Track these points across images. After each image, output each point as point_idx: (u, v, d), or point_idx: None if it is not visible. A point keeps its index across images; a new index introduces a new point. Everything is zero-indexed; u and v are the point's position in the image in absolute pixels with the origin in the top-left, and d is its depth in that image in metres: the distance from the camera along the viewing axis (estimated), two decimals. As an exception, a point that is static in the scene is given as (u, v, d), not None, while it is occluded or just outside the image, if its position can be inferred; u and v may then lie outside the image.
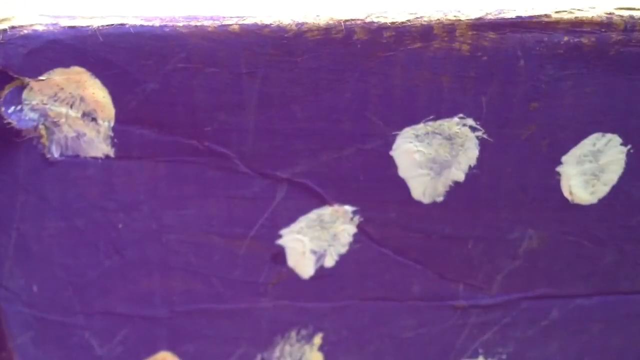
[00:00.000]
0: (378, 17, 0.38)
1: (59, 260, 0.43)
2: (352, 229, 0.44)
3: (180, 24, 0.37)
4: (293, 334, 0.46)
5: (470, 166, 0.42)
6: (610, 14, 0.38)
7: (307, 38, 0.38)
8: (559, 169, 0.42)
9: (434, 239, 0.44)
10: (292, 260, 0.44)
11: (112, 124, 0.40)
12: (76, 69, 0.38)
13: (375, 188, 0.42)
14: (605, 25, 0.38)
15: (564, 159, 0.42)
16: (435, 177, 0.42)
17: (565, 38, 0.38)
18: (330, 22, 0.38)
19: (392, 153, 0.41)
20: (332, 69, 0.39)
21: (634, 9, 0.38)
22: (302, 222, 0.43)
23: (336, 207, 0.43)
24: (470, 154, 0.41)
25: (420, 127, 0.41)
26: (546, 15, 0.38)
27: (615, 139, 0.41)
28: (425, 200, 0.43)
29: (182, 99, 0.39)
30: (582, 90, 0.40)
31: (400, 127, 0.41)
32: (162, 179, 0.42)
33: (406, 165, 0.42)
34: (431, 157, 0.41)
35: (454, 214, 0.43)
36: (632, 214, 0.43)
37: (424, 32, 0.38)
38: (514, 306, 0.46)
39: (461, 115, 0.40)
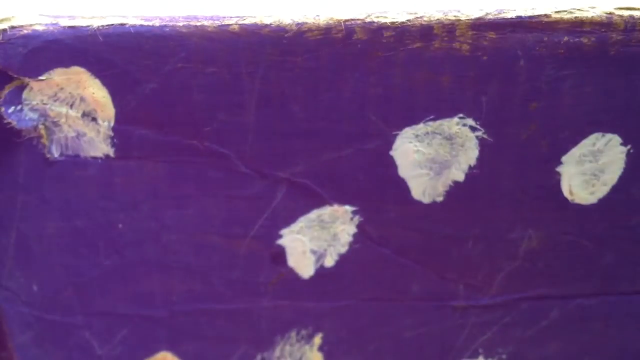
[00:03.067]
0: (378, 17, 0.38)
1: (59, 260, 0.43)
2: (352, 229, 0.44)
3: (180, 24, 0.37)
4: (293, 334, 0.46)
5: (470, 166, 0.42)
6: (610, 13, 0.38)
7: (307, 38, 0.38)
8: (558, 168, 0.42)
9: (433, 239, 0.44)
10: (292, 260, 0.44)
11: (112, 123, 0.40)
12: (76, 68, 0.38)
13: (375, 188, 0.42)
14: (605, 25, 0.38)
15: (563, 158, 0.42)
16: (435, 177, 0.42)
17: (565, 38, 0.38)
18: (330, 22, 0.38)
19: (392, 153, 0.41)
20: (332, 68, 0.39)
21: (634, 8, 0.38)
22: (302, 222, 0.43)
23: (336, 207, 0.43)
24: (470, 154, 0.41)
25: (420, 127, 0.41)
26: (546, 15, 0.38)
27: (615, 139, 0.41)
28: (425, 200, 0.43)
29: (182, 98, 0.39)
30: (582, 90, 0.40)
31: (400, 127, 0.41)
32: (162, 179, 0.42)
33: (406, 165, 0.42)
34: (431, 157, 0.41)
35: (454, 214, 0.43)
36: (632, 214, 0.43)
37: (424, 32, 0.38)
38: (514, 306, 0.46)
39: (461, 115, 0.40)
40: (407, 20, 0.38)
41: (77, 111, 0.39)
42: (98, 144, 0.40)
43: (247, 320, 0.46)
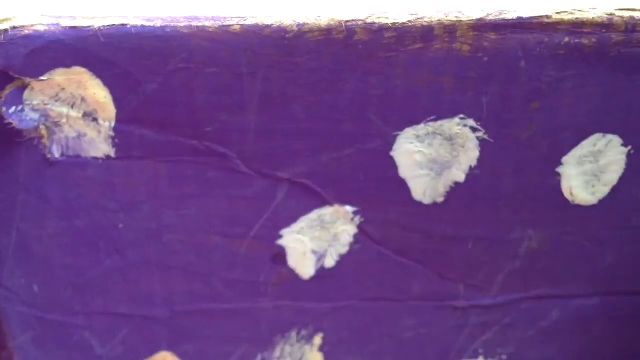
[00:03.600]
0: (379, 17, 0.38)
1: (59, 260, 0.43)
2: (352, 230, 0.44)
3: (182, 25, 0.37)
4: (293, 334, 0.46)
5: (470, 167, 0.42)
6: (611, 14, 0.38)
7: (308, 39, 0.38)
8: (559, 169, 0.42)
9: (434, 240, 0.44)
10: (293, 261, 0.44)
11: (113, 124, 0.40)
12: (77, 69, 0.38)
13: (376, 188, 0.42)
14: (605, 26, 0.38)
15: (564, 159, 0.42)
16: (436, 177, 0.42)
17: (566, 39, 0.38)
18: (331, 22, 0.38)
19: (392, 153, 0.41)
20: (333, 69, 0.39)
21: (634, 9, 0.38)
22: (303, 222, 0.43)
23: (337, 207, 0.43)
24: (470, 154, 0.41)
25: (421, 128, 0.41)
26: (547, 16, 0.38)
27: (616, 140, 0.41)
28: (426, 200, 0.43)
29: (183, 99, 0.39)
30: (583, 91, 0.40)
31: (401, 128, 0.41)
32: (163, 179, 0.42)
33: (407, 165, 0.42)
34: (432, 157, 0.41)
35: (455, 214, 0.43)
36: (632, 214, 0.43)
37: (425, 33, 0.38)
38: (514, 306, 0.46)
39: (462, 115, 0.40)
40: (408, 21, 0.38)
41: (78, 111, 0.39)
42: (99, 144, 0.40)
43: (248, 320, 0.46)
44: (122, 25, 0.37)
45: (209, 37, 0.37)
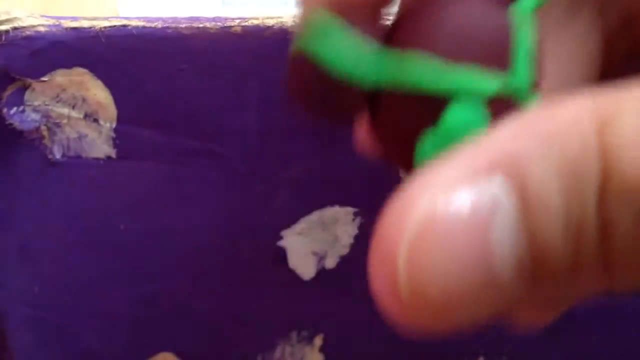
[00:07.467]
0: (380, 18, 0.38)
1: (60, 261, 0.43)
2: (353, 230, 0.44)
3: (183, 26, 0.37)
4: (294, 335, 0.47)
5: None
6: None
7: (309, 40, 0.38)
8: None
9: (434, 240, 0.44)
10: (293, 262, 0.44)
11: (114, 125, 0.40)
12: (78, 70, 0.38)
13: (377, 189, 0.42)
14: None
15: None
16: (437, 178, 0.42)
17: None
18: (332, 23, 0.38)
19: (393, 154, 0.41)
20: (333, 70, 0.39)
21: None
22: (303, 223, 0.43)
23: (337, 208, 0.43)
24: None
25: (422, 129, 0.41)
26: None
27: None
28: (426, 201, 0.43)
29: (184, 100, 0.39)
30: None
31: (402, 129, 0.41)
32: (163, 180, 0.42)
33: (407, 166, 0.42)
34: (432, 158, 0.41)
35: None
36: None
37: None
38: (515, 307, 0.46)
39: (462, 116, 0.40)
40: (409, 22, 0.38)
41: (79, 112, 0.39)
42: (100, 145, 0.40)
43: (248, 321, 0.46)
44: (123, 26, 0.37)
45: (210, 38, 0.37)
